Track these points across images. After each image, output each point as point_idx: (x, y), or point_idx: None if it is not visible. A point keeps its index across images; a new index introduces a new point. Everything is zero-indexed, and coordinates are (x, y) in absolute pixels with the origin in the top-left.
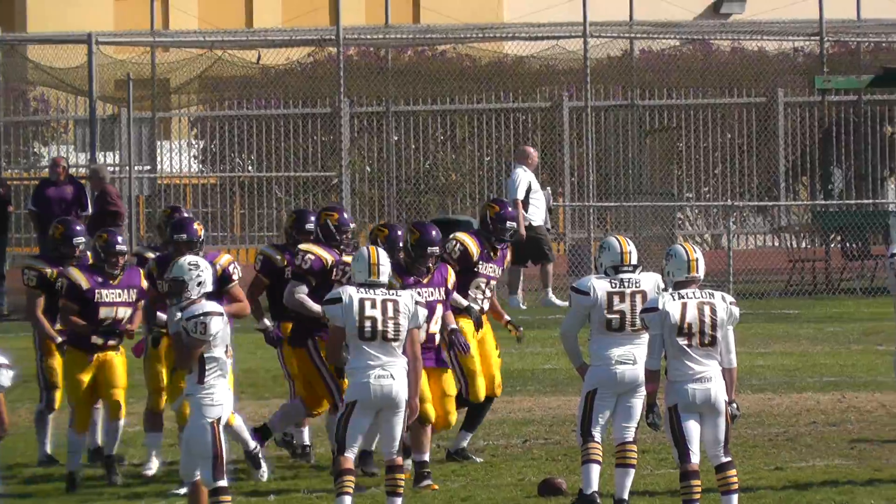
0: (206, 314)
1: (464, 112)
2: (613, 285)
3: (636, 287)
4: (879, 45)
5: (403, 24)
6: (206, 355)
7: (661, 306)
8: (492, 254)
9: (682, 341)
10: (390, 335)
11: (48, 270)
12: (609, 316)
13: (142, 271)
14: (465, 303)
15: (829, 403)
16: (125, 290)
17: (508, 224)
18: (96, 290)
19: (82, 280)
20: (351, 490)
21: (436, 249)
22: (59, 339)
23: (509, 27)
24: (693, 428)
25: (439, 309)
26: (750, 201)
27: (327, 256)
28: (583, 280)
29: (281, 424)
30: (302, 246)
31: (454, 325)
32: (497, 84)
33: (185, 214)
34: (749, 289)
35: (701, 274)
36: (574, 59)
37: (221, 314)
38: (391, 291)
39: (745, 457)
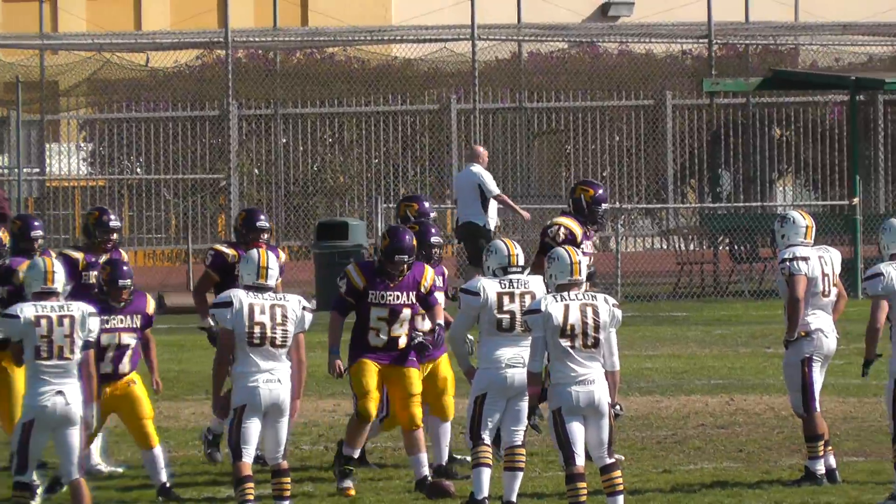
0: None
1: (352, 114)
2: (503, 286)
3: (525, 288)
4: (767, 47)
5: (292, 27)
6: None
7: (543, 308)
8: (587, 233)
9: (565, 343)
10: (278, 341)
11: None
12: (499, 316)
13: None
14: None
15: (718, 406)
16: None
17: (603, 206)
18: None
19: None
20: (252, 497)
21: (405, 258)
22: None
23: (397, 30)
24: (577, 430)
25: (405, 313)
26: (638, 204)
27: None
28: (472, 281)
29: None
30: None
31: (441, 321)
32: (385, 86)
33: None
34: (637, 291)
35: (583, 277)
36: (462, 61)
37: (17, 317)
38: (279, 296)
39: (633, 459)
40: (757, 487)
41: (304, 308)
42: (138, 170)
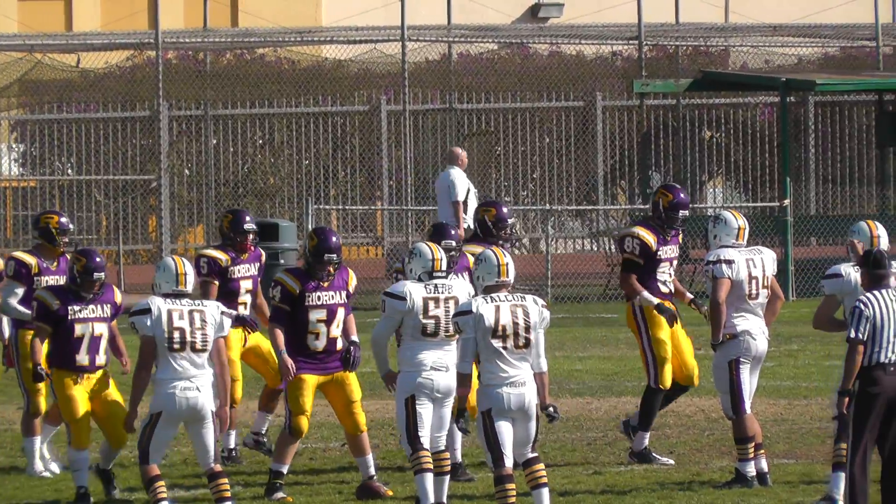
0: None
1: (282, 116)
2: (428, 290)
3: (449, 293)
4: (698, 48)
5: (222, 28)
6: None
7: (474, 309)
8: (667, 237)
9: (497, 344)
10: (198, 346)
11: None
12: (424, 321)
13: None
14: (654, 301)
15: None
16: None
17: (681, 213)
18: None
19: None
20: (165, 494)
21: (333, 257)
22: None
23: (327, 31)
24: (506, 432)
25: (340, 313)
26: (568, 205)
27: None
28: (397, 285)
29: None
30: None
31: (355, 337)
32: (315, 88)
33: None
34: (567, 293)
35: (511, 278)
36: (392, 62)
37: None
38: (196, 302)
39: (563, 460)
40: (688, 489)
41: (222, 313)
42: (69, 171)
